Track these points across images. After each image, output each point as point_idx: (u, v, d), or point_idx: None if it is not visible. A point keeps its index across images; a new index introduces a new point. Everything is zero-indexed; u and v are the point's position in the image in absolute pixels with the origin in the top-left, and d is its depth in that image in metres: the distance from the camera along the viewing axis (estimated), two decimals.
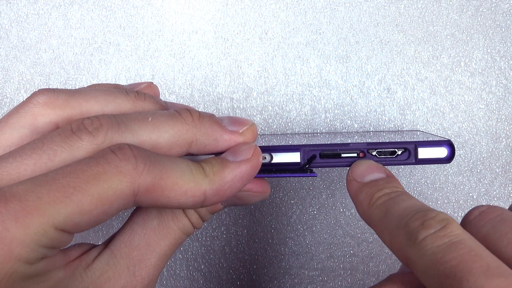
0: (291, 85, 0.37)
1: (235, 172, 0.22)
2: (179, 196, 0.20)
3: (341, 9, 0.37)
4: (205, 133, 0.23)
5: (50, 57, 0.37)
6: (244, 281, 0.37)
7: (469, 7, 0.37)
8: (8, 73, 0.37)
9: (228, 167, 0.22)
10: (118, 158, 0.19)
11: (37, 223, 0.18)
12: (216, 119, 0.24)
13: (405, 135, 0.29)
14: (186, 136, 0.22)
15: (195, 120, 0.23)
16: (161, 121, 0.22)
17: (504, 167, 0.38)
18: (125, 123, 0.21)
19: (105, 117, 0.21)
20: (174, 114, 0.22)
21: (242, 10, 0.38)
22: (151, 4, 0.38)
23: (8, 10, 0.38)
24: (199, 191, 0.21)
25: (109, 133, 0.21)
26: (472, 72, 0.37)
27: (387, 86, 0.37)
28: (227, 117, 0.24)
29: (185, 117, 0.22)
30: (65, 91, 0.23)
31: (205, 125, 0.23)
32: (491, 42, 0.37)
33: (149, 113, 0.22)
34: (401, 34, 0.37)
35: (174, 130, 0.22)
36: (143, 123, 0.22)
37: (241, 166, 0.22)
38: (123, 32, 0.38)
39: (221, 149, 0.23)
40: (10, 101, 0.37)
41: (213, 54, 0.37)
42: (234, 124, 0.24)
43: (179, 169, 0.21)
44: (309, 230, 0.37)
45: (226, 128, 0.23)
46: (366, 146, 0.24)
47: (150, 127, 0.22)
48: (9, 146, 0.22)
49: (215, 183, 0.21)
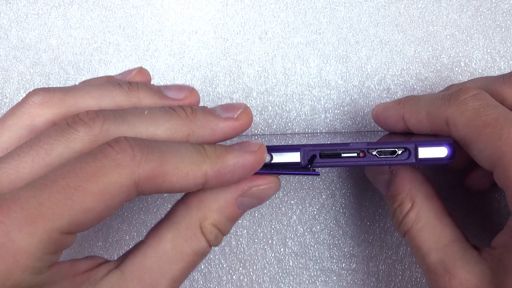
0: (291, 85, 0.37)
1: (238, 158, 0.22)
2: (181, 180, 0.20)
3: (341, 9, 0.37)
4: (201, 125, 0.23)
5: (49, 57, 0.37)
6: (244, 281, 0.37)
7: (469, 7, 0.37)
8: (8, 73, 0.37)
9: (232, 153, 0.22)
10: (115, 150, 0.19)
11: (42, 230, 0.18)
12: (209, 110, 0.24)
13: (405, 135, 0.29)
14: (182, 129, 0.22)
15: (188, 115, 0.23)
16: (157, 115, 0.22)
17: None
18: (121, 116, 0.21)
19: (104, 111, 0.21)
20: (168, 110, 0.23)
21: (242, 10, 0.38)
22: (151, 4, 0.38)
23: (8, 10, 0.38)
24: (200, 172, 0.21)
25: (106, 124, 0.21)
26: (472, 73, 0.37)
27: (387, 86, 0.37)
28: (219, 105, 0.24)
29: (179, 113, 0.23)
30: (60, 89, 0.23)
31: (199, 118, 0.23)
32: (491, 42, 0.37)
33: (145, 108, 0.23)
34: (401, 34, 0.37)
35: (170, 123, 0.22)
36: (140, 116, 0.22)
37: (245, 155, 0.22)
38: (123, 32, 0.38)
39: (219, 138, 0.23)
40: (10, 101, 0.37)
41: (213, 54, 0.37)
42: (227, 110, 0.24)
43: (178, 153, 0.21)
44: (309, 230, 0.37)
45: (220, 116, 0.23)
46: (366, 146, 0.24)
47: (147, 120, 0.22)
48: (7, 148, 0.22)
49: (216, 165, 0.21)
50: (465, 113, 0.24)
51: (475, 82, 0.29)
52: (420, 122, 0.27)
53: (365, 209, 0.37)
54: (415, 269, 0.36)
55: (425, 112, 0.26)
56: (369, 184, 0.37)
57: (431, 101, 0.26)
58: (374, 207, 0.37)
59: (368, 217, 0.37)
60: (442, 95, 0.26)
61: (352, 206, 0.37)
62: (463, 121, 0.24)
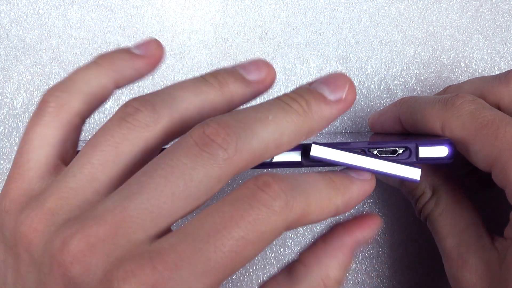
0: (291, 85, 0.37)
1: (361, 189, 0.22)
2: (318, 216, 0.20)
3: (341, 9, 0.38)
4: (318, 118, 0.21)
5: (50, 57, 0.37)
6: (244, 281, 0.37)
7: (469, 7, 0.37)
8: (8, 73, 0.37)
9: (355, 184, 0.22)
10: (270, 197, 0.18)
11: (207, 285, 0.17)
12: (319, 94, 0.21)
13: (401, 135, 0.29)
14: (303, 129, 0.21)
15: (305, 109, 0.21)
16: (280, 118, 0.20)
17: None
18: (250, 127, 0.19)
19: (229, 123, 0.19)
20: (285, 106, 0.21)
21: (242, 10, 0.38)
22: (151, 4, 0.38)
23: (8, 10, 0.38)
24: (334, 207, 0.21)
25: (239, 142, 0.19)
26: (472, 73, 0.37)
27: (387, 86, 0.37)
28: (322, 82, 0.22)
29: (297, 108, 0.21)
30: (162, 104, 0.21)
31: (314, 110, 0.21)
32: (491, 42, 0.37)
33: (265, 109, 0.20)
34: (401, 35, 0.37)
35: (293, 125, 0.20)
36: (265, 123, 0.20)
37: (365, 185, 0.22)
38: (123, 32, 0.38)
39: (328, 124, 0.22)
40: (10, 101, 0.37)
41: (213, 54, 0.37)
42: (335, 90, 0.21)
43: (318, 191, 0.20)
44: (309, 230, 0.37)
45: (331, 101, 0.21)
46: (367, 145, 0.24)
47: (272, 126, 0.20)
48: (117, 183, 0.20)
49: (345, 198, 0.21)
50: (461, 116, 0.25)
51: (472, 83, 0.29)
52: (416, 123, 0.27)
53: (365, 209, 0.37)
54: (415, 269, 0.36)
55: (421, 115, 0.27)
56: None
57: (428, 103, 0.27)
58: (374, 207, 0.37)
59: None
60: (439, 98, 0.26)
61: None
62: (460, 124, 0.25)
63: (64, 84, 0.23)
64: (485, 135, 0.24)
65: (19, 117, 0.37)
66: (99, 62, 0.23)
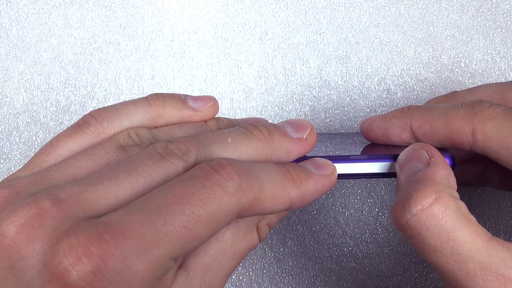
0: (291, 85, 0.37)
1: (318, 184, 0.22)
2: (272, 205, 0.21)
3: (341, 9, 0.37)
4: (277, 148, 0.23)
5: (50, 56, 0.37)
6: (243, 281, 0.37)
7: (469, 8, 0.37)
8: (8, 72, 0.37)
9: (312, 178, 0.22)
10: (223, 177, 0.19)
11: (157, 256, 0.18)
12: (282, 130, 0.23)
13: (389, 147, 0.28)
14: (262, 154, 0.22)
15: (266, 137, 0.23)
16: (238, 141, 0.22)
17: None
18: (209, 146, 0.21)
19: (190, 141, 0.21)
20: (246, 132, 0.22)
21: (242, 10, 0.38)
22: (151, 4, 0.38)
23: (8, 10, 0.38)
24: (288, 198, 0.21)
25: (198, 157, 0.21)
26: (472, 73, 0.37)
27: (387, 87, 0.37)
28: (287, 123, 0.24)
29: (257, 134, 0.23)
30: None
31: (275, 139, 0.23)
32: (491, 43, 0.37)
33: (225, 132, 0.22)
34: (401, 35, 0.37)
35: (251, 149, 0.22)
36: (224, 144, 0.22)
37: (324, 180, 0.23)
38: (123, 32, 0.38)
39: (291, 160, 0.23)
40: (10, 100, 0.37)
41: (213, 54, 0.37)
42: (297, 130, 0.24)
43: (272, 179, 0.21)
44: (309, 230, 0.37)
45: (293, 137, 0.23)
46: (367, 158, 0.24)
47: (230, 148, 0.22)
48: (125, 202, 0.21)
49: (301, 190, 0.22)
50: (495, 118, 0.24)
51: (489, 87, 0.29)
52: (435, 131, 0.26)
53: (365, 209, 0.37)
54: (414, 269, 0.36)
55: (444, 121, 0.25)
56: (369, 183, 0.37)
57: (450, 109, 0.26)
58: (374, 207, 0.37)
59: (368, 217, 0.37)
60: (461, 104, 0.25)
61: (352, 206, 0.37)
62: (494, 126, 0.24)
63: (108, 112, 0.23)
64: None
65: (19, 116, 0.37)
66: (150, 101, 0.24)
